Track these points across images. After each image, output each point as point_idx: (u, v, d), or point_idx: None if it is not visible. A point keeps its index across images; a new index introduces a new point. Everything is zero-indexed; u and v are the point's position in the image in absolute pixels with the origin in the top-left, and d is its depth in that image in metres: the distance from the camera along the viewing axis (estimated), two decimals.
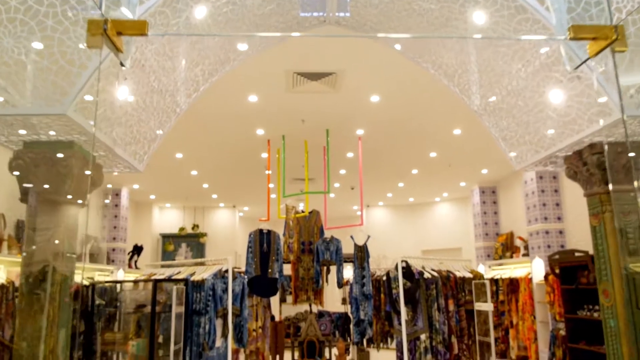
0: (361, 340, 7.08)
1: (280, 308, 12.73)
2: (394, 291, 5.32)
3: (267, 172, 8.56)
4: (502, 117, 4.91)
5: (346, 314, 9.58)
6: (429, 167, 9.86)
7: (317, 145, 8.12)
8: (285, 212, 7.19)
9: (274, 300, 14.11)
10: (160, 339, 5.31)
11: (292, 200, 7.29)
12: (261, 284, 7.17)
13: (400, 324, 5.25)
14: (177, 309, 5.04)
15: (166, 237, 13.34)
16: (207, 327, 4.90)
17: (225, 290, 5.14)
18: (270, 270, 7.21)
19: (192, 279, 5.14)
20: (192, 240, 13.46)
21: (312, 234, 7.97)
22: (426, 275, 5.32)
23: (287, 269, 8.21)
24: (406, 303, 5.19)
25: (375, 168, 9.89)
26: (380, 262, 11.59)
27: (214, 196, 12.30)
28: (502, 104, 4.74)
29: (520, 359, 9.40)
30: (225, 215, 13.78)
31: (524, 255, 9.37)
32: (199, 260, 5.59)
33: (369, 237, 7.37)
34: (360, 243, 7.37)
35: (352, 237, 7.46)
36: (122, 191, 10.83)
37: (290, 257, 7.39)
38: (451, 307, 5.46)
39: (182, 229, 13.29)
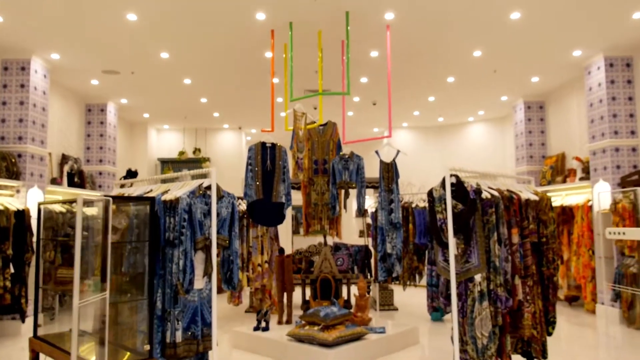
0: (387, 278, 5.78)
1: (293, 240, 11.49)
2: (438, 216, 3.88)
3: (267, 54, 6.97)
4: None
5: (366, 247, 8.30)
6: (469, 73, 8.12)
7: (334, 39, 6.43)
8: (294, 120, 5.68)
9: (284, 230, 12.91)
10: (126, 279, 4.00)
11: (302, 105, 5.76)
12: (264, 209, 5.80)
13: (446, 260, 3.84)
14: (141, 236, 3.68)
15: (165, 163, 12.01)
16: (181, 262, 3.54)
17: (207, 214, 3.73)
18: (274, 193, 5.80)
19: (163, 198, 3.74)
20: (193, 166, 12.11)
21: (327, 150, 6.48)
22: (484, 195, 3.85)
23: (296, 199, 6.81)
24: (456, 232, 3.75)
25: (404, 75, 8.19)
26: (405, 189, 10.16)
27: (216, 114, 10.77)
28: None
29: (569, 299, 8.10)
30: (230, 138, 12.31)
31: (581, 178, 7.81)
32: (174, 174, 4.16)
33: (399, 152, 5.86)
34: (388, 160, 5.88)
35: (377, 152, 5.96)
36: (108, 106, 9.35)
37: (299, 176, 5.95)
38: (515, 239, 4.01)
39: (182, 153, 11.92)
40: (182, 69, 7.72)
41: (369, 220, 10.41)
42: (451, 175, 3.86)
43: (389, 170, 5.85)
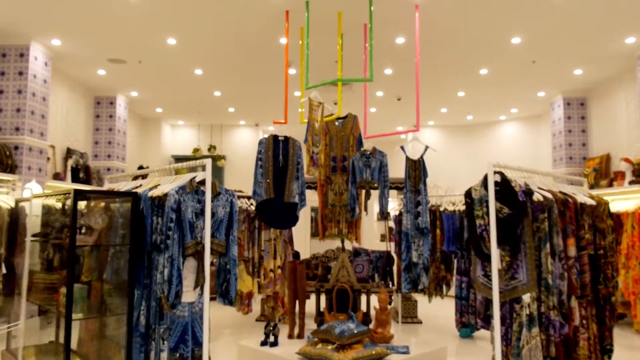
0: (412, 290, 5.12)
1: (310, 243, 10.86)
2: (478, 222, 3.21)
3: (282, 40, 6.38)
4: None
5: (388, 253, 7.63)
6: (504, 64, 7.39)
7: (355, 24, 5.81)
8: (309, 110, 5.07)
9: (302, 232, 12.30)
10: (109, 287, 3.44)
11: (319, 94, 5.14)
12: (275, 210, 5.18)
13: (487, 275, 3.17)
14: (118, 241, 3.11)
15: (178, 160, 11.53)
16: (166, 271, 2.95)
17: (200, 214, 3.14)
18: (287, 192, 5.19)
19: (150, 194, 3.16)
20: None
21: (347, 146, 5.84)
22: (536, 196, 3.17)
23: (311, 198, 6.20)
24: (500, 242, 3.08)
25: (432, 66, 7.50)
26: (431, 192, 9.44)
27: (231, 110, 10.23)
28: None
29: (616, 318, 7.26)
30: (246, 135, 11.76)
31: (631, 182, 7.00)
32: (164, 167, 3.59)
33: (427, 147, 5.19)
34: (415, 156, 5.22)
35: (402, 147, 5.30)
36: (117, 99, 8.89)
37: (314, 172, 5.31)
38: (572, 251, 3.32)
39: (196, 150, 11.42)
40: (192, 58, 7.18)
41: (391, 223, 9.70)
42: (495, 173, 3.18)
43: (416, 169, 5.19)
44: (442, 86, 8.56)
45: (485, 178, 3.21)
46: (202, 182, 3.19)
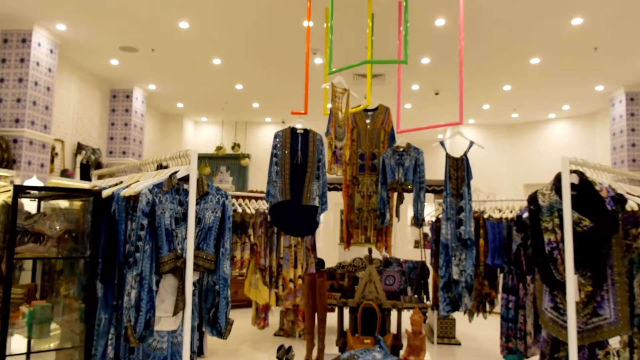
0: (452, 311, 4.30)
1: (338, 250, 10.14)
2: (547, 237, 2.41)
3: (306, 23, 5.69)
4: None
5: (423, 263, 6.82)
6: (560, 51, 6.46)
7: (388, 3, 5.05)
8: (332, 98, 4.32)
9: (331, 237, 11.53)
10: (79, 306, 2.80)
11: (343, 80, 4.39)
12: (292, 215, 4.46)
13: (557, 308, 2.37)
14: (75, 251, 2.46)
15: (201, 159, 10.98)
16: (132, 293, 2.27)
17: (181, 219, 2.45)
18: (306, 194, 4.46)
19: (122, 193, 2.51)
20: (232, 163, 11.04)
21: (377, 142, 5.09)
22: (630, 204, 2.35)
23: (334, 198, 5.48)
24: (579, 265, 2.28)
25: (475, 54, 6.65)
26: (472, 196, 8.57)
27: (255, 105, 9.61)
28: None
29: None
30: (272, 133, 11.08)
31: None
32: (142, 160, 2.93)
33: (472, 143, 4.37)
34: (457, 154, 4.41)
35: (442, 142, 4.50)
36: (134, 92, 8.38)
37: (336, 171, 4.56)
38: None
39: (219, 148, 10.84)
40: (208, 45, 6.56)
41: (426, 229, 8.84)
42: (572, 172, 2.38)
43: (459, 168, 4.38)
44: (486, 79, 7.68)
45: (558, 179, 2.41)
46: (185, 179, 2.51)
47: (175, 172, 2.50)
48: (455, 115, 5.49)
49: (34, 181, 5.74)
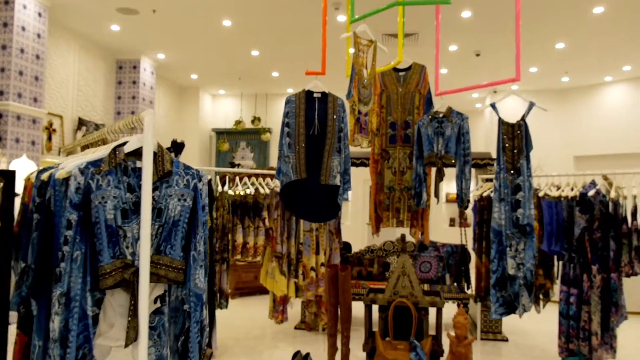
0: (507, 314, 3.49)
1: (367, 232, 9.38)
2: None
3: None
4: None
5: (463, 247, 6.01)
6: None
7: None
8: (354, 52, 3.46)
9: (359, 218, 10.73)
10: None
11: (368, 29, 3.52)
12: (308, 196, 3.68)
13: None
14: None
15: (220, 134, 10.30)
16: (56, 321, 1.56)
17: (132, 211, 1.70)
18: (325, 171, 3.66)
19: (57, 175, 1.79)
20: (252, 138, 10.32)
21: (411, 108, 4.23)
22: None
23: (358, 175, 4.66)
24: None
25: (524, 5, 5.63)
26: None
27: (275, 74, 8.80)
28: None
29: None
30: None
31: None
32: (101, 131, 2.19)
33: (532, 105, 3.48)
34: (513, 119, 3.52)
35: (493, 105, 3.62)
36: (142, 63, 7.68)
37: (361, 142, 3.72)
38: None
39: (238, 122, 10.13)
40: (213, 1, 5.75)
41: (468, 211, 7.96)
42: None
43: (515, 137, 3.51)
44: (537, 35, 6.64)
45: None
46: (136, 153, 1.75)
47: (122, 145, 1.74)
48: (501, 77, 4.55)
49: (23, 160, 5.13)
